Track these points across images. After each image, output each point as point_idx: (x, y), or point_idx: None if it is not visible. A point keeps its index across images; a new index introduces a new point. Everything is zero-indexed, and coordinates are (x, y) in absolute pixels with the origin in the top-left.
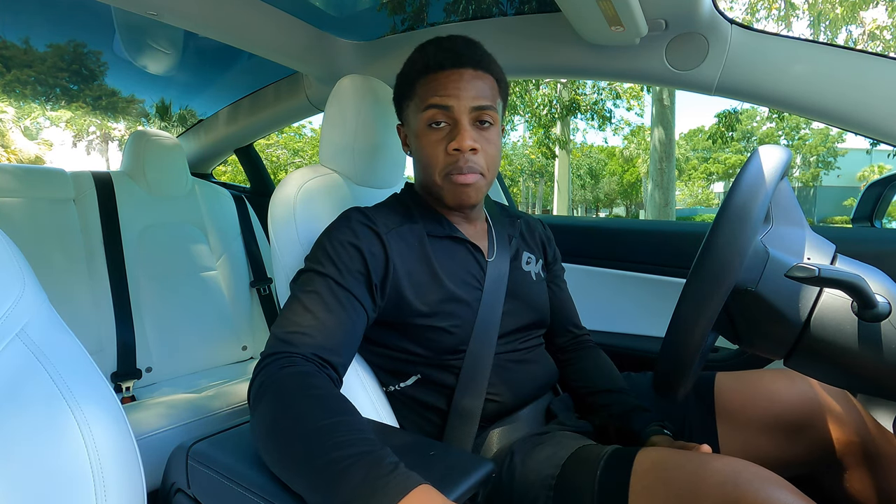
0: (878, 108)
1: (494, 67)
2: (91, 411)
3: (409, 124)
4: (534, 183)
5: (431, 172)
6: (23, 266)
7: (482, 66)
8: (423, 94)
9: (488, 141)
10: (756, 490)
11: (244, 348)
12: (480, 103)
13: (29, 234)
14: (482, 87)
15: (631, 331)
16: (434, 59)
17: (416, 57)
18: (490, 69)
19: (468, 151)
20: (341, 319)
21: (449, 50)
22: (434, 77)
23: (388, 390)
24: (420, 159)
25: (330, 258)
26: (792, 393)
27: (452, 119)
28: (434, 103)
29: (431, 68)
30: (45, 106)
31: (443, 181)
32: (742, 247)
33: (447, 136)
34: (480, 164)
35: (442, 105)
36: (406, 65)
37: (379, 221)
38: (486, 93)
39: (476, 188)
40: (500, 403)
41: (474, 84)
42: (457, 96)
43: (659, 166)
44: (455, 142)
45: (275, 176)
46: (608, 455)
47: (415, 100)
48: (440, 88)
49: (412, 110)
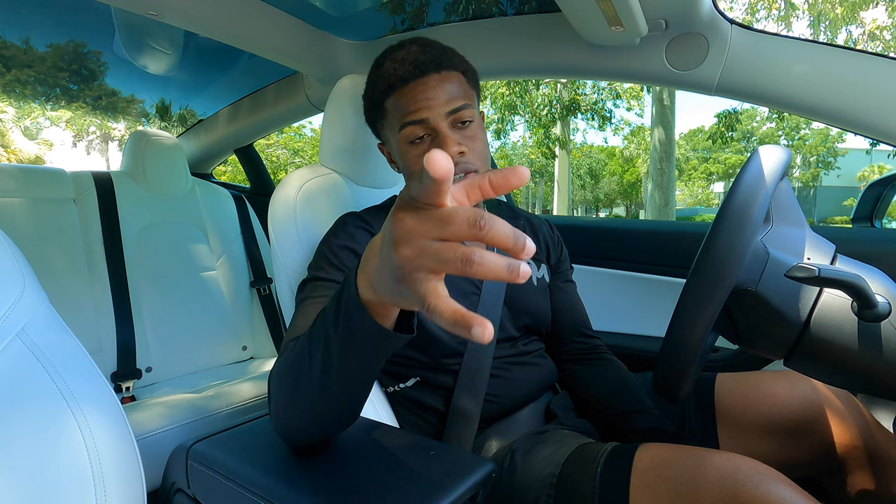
0: (878, 108)
1: (457, 61)
2: (91, 411)
3: (389, 143)
4: (534, 183)
5: None
6: (23, 266)
7: (444, 66)
8: (395, 113)
9: (472, 139)
10: (756, 485)
11: (244, 348)
12: (454, 105)
13: (29, 234)
14: (451, 88)
15: (631, 331)
16: (395, 75)
17: (376, 76)
18: (453, 65)
19: (456, 156)
20: None
21: (406, 61)
22: (400, 92)
23: (388, 391)
24: (411, 174)
25: (332, 263)
26: (793, 395)
27: (431, 129)
28: (409, 120)
29: (395, 85)
30: (45, 106)
31: None
32: (742, 247)
33: (430, 147)
34: (472, 162)
35: (417, 119)
36: (367, 86)
37: (376, 224)
38: (456, 92)
39: None
40: (499, 404)
41: (442, 87)
42: (428, 106)
43: (659, 166)
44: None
45: (275, 176)
46: (608, 453)
47: (388, 119)
48: (410, 103)
49: (388, 130)
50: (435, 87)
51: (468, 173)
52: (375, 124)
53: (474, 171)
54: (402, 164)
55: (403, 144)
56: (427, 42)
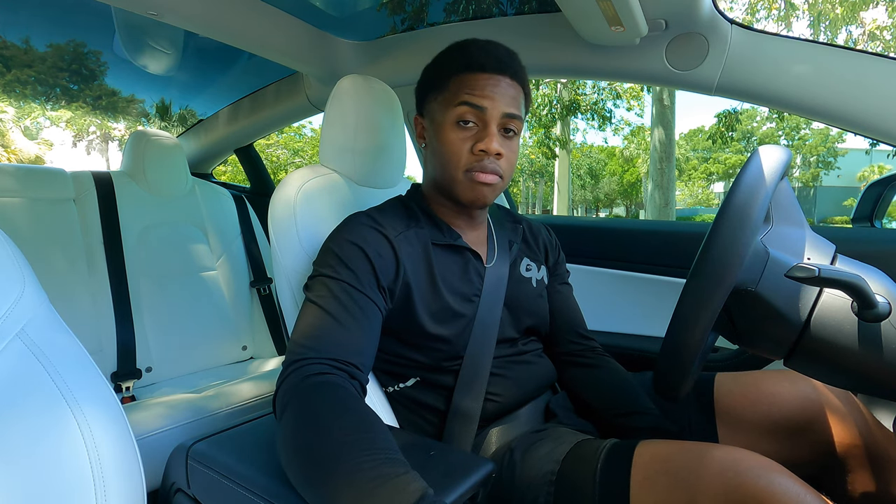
0: (878, 108)
1: (526, 82)
2: (91, 411)
3: (433, 117)
4: (534, 183)
5: (452, 169)
6: (23, 266)
7: (518, 78)
8: (456, 90)
9: (510, 149)
10: (757, 477)
11: (244, 348)
12: (512, 111)
13: (29, 234)
14: (515, 97)
15: (631, 331)
16: (476, 60)
17: (456, 53)
18: (523, 83)
19: (494, 154)
20: (360, 322)
21: (492, 54)
22: (473, 76)
23: (388, 391)
24: (441, 154)
25: (342, 262)
26: (793, 394)
27: (483, 121)
28: (468, 101)
29: (472, 67)
30: (45, 106)
31: (463, 177)
32: (742, 247)
33: (474, 136)
34: (502, 167)
35: (476, 104)
36: (441, 58)
37: (387, 225)
38: (516, 103)
39: (493, 189)
40: (499, 403)
41: (509, 92)
42: (492, 99)
43: (659, 166)
44: (483, 143)
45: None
46: (607, 449)
47: (445, 94)
48: (477, 88)
49: (440, 104)
50: (505, 88)
51: (496, 174)
52: (426, 94)
53: (501, 176)
54: (437, 140)
55: (450, 121)
56: (513, 52)
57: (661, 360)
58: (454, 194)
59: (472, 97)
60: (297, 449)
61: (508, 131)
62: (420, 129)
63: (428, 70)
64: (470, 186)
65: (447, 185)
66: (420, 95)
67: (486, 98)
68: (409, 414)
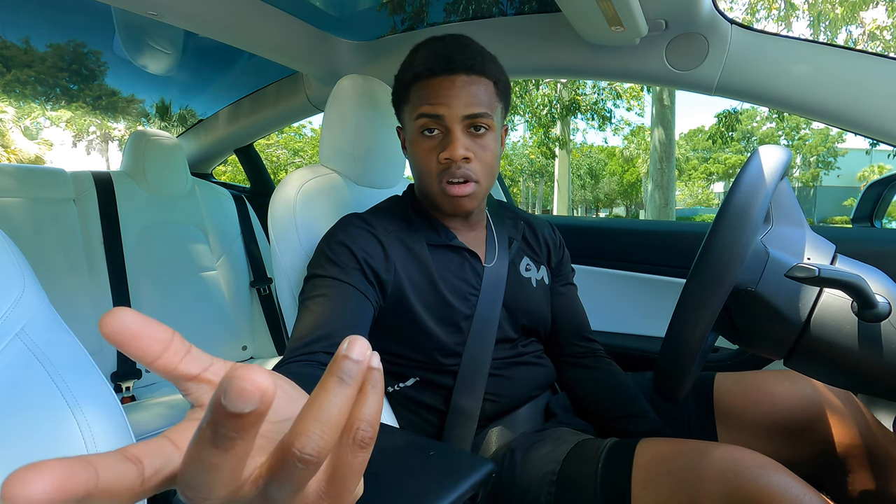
0: (878, 108)
1: (491, 68)
2: (91, 411)
3: (405, 128)
4: (534, 183)
5: (427, 180)
6: (23, 266)
7: (476, 70)
8: (415, 101)
9: (483, 147)
10: (757, 477)
11: (244, 348)
12: (472, 111)
13: (29, 234)
14: (476, 93)
15: (631, 331)
16: (425, 65)
17: (409, 61)
18: (485, 72)
19: (461, 160)
20: (346, 310)
21: (440, 55)
22: (426, 83)
23: (388, 391)
24: (415, 166)
25: (330, 260)
26: (793, 394)
27: (445, 127)
28: (425, 112)
29: (423, 75)
30: (45, 106)
31: (438, 189)
32: (742, 247)
33: (439, 145)
34: (474, 171)
35: (432, 114)
36: (401, 68)
37: (377, 225)
38: (480, 98)
39: (471, 197)
40: (498, 403)
41: (467, 90)
42: (447, 104)
43: (659, 166)
44: (446, 151)
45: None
46: (608, 448)
47: (409, 105)
48: (431, 96)
49: (407, 115)
50: (460, 88)
51: (468, 181)
52: (398, 106)
53: (476, 181)
54: (410, 152)
55: (416, 133)
56: (467, 42)
57: (661, 360)
58: (435, 205)
59: (427, 107)
60: None
61: (478, 129)
62: (403, 140)
63: (395, 81)
64: (446, 199)
65: (427, 197)
66: (395, 107)
67: (440, 105)
68: (409, 414)
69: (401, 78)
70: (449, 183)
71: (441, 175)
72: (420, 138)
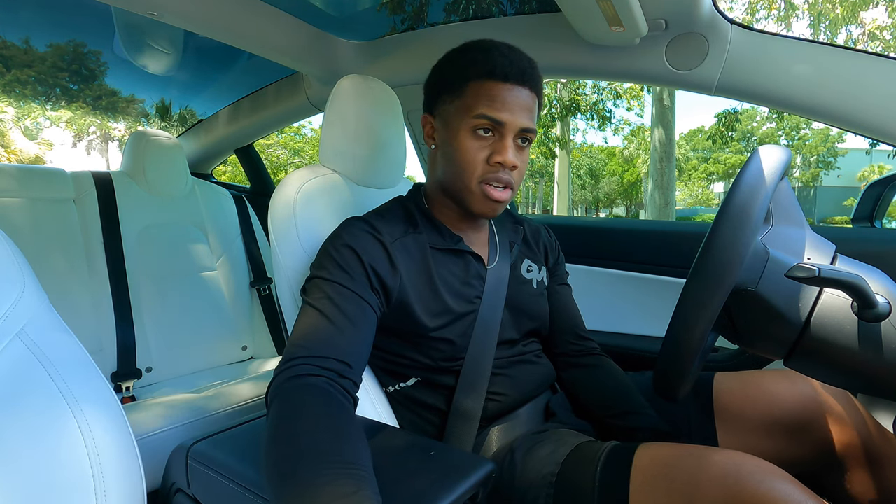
0: (878, 108)
1: (541, 91)
2: (91, 411)
3: (447, 120)
4: (534, 183)
5: (466, 178)
6: (23, 266)
7: (536, 90)
8: (475, 98)
9: (523, 160)
10: (758, 482)
11: (244, 348)
12: (529, 125)
13: (29, 234)
14: (532, 109)
15: (631, 331)
16: (500, 68)
17: (477, 56)
18: (540, 93)
19: (510, 167)
20: (353, 321)
21: (516, 64)
22: (494, 85)
23: (388, 391)
24: (455, 161)
25: (336, 264)
26: (792, 394)
27: (500, 133)
28: (487, 114)
29: (495, 76)
30: (45, 106)
31: (476, 189)
32: (742, 247)
33: (491, 147)
34: (515, 180)
35: (496, 119)
36: (458, 59)
37: (383, 230)
38: (533, 115)
39: (503, 204)
40: (499, 403)
41: (527, 105)
42: (511, 112)
43: (659, 166)
44: (500, 155)
45: (275, 176)
46: (607, 452)
47: (463, 99)
48: (497, 100)
49: (456, 108)
50: (525, 101)
51: (508, 188)
52: (440, 94)
53: (513, 188)
54: (450, 146)
55: (467, 129)
56: (534, 62)
57: (660, 360)
58: (465, 203)
59: (492, 110)
60: (267, 452)
61: (524, 142)
62: (429, 129)
63: (442, 69)
64: (482, 201)
65: (458, 193)
66: (431, 94)
67: (506, 111)
68: (410, 414)
69: (458, 69)
70: (490, 186)
71: (485, 176)
72: (471, 137)
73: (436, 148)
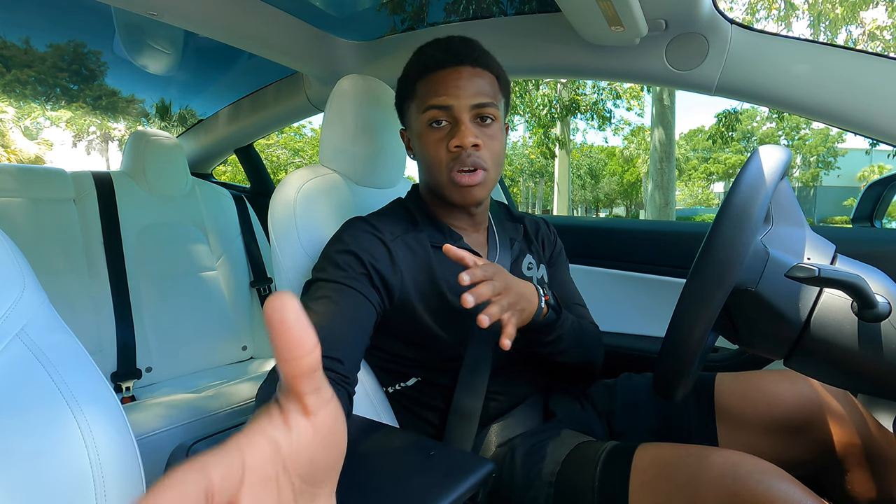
0: (878, 108)
1: (493, 64)
2: (91, 411)
3: (412, 126)
4: (534, 183)
5: (436, 172)
6: (23, 266)
7: (480, 63)
8: (423, 95)
9: (490, 137)
10: (756, 482)
11: (244, 348)
12: (480, 101)
13: (29, 234)
14: (481, 84)
15: (631, 331)
16: (432, 59)
17: (415, 59)
18: (489, 66)
19: (470, 147)
20: (347, 314)
21: (446, 49)
22: (433, 77)
23: (388, 391)
24: (424, 159)
25: (335, 264)
26: (792, 394)
27: (453, 118)
28: (434, 104)
29: (430, 68)
30: (45, 106)
31: (447, 180)
32: (742, 247)
33: (448, 135)
34: (484, 159)
35: (442, 105)
36: (406, 67)
37: (384, 229)
38: (485, 90)
39: (481, 186)
40: (499, 402)
41: (473, 81)
42: (456, 95)
43: (659, 166)
44: (456, 139)
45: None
46: (607, 451)
47: (415, 101)
48: (440, 88)
49: (413, 112)
50: (466, 79)
51: (478, 169)
52: (403, 105)
53: (484, 168)
54: (418, 147)
55: (424, 126)
56: (470, 40)
57: (660, 360)
58: (445, 197)
59: (436, 98)
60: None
61: (485, 119)
62: (407, 142)
63: (399, 82)
64: (456, 190)
65: (437, 190)
66: (399, 108)
67: (449, 95)
68: (410, 414)
69: (406, 76)
70: (459, 172)
71: (451, 165)
72: (428, 131)
73: (415, 156)
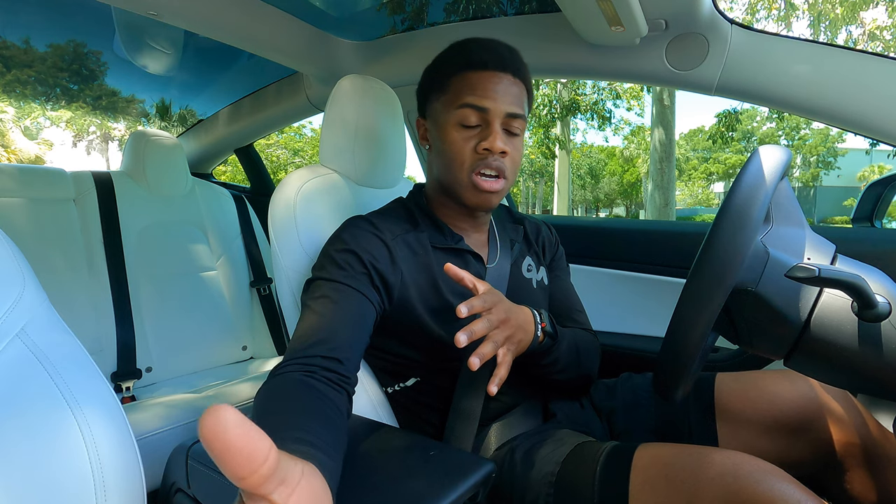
0: (878, 108)
1: (528, 79)
2: (91, 411)
3: (436, 118)
4: (534, 183)
5: (457, 170)
6: (23, 266)
7: (520, 75)
8: (458, 91)
9: (515, 148)
10: (756, 482)
11: (244, 348)
12: (514, 111)
13: (29, 234)
14: (517, 95)
15: (631, 331)
16: (477, 57)
17: (456, 52)
18: (525, 80)
19: (498, 153)
20: (347, 315)
21: (493, 51)
22: (473, 75)
23: (388, 391)
24: (445, 155)
25: (335, 263)
26: (793, 394)
27: (486, 121)
28: (470, 102)
29: (473, 65)
30: (45, 106)
31: (467, 181)
32: (742, 247)
33: (478, 136)
34: (507, 167)
35: (478, 106)
36: (441, 58)
37: (385, 229)
38: (519, 101)
39: (498, 194)
40: (499, 402)
41: (511, 90)
42: (494, 99)
43: (659, 166)
44: (487, 142)
45: (275, 176)
46: (607, 451)
47: (447, 94)
48: (479, 88)
49: (442, 104)
50: (506, 86)
51: (500, 176)
52: (428, 95)
53: (506, 177)
54: (440, 141)
55: (453, 122)
56: (514, 49)
57: (660, 360)
58: (459, 197)
59: (473, 98)
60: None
61: (513, 130)
62: (423, 132)
63: (429, 71)
64: (475, 193)
65: (452, 188)
66: (422, 97)
67: (487, 98)
68: (409, 414)
69: (440, 67)
70: (481, 175)
71: (474, 166)
72: (457, 129)
73: (430, 148)
